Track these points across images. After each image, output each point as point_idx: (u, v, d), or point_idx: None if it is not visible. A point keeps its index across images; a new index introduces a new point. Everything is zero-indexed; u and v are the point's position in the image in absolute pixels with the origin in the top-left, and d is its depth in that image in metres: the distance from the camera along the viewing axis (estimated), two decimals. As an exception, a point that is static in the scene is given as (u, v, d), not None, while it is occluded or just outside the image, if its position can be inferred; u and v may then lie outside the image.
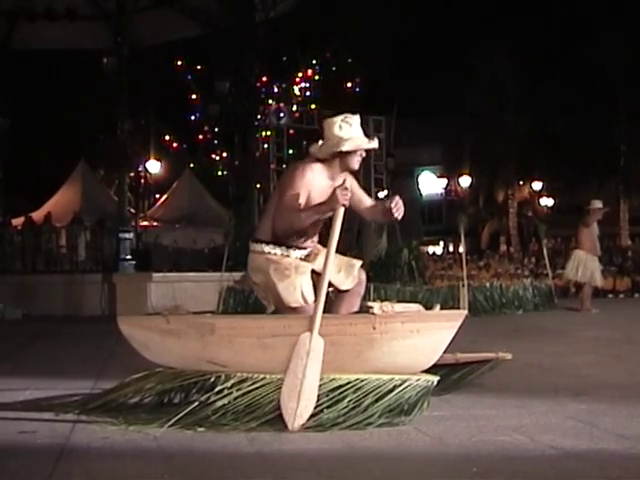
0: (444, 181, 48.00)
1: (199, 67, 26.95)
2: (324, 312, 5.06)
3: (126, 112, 19.97)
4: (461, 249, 20.22)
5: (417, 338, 5.04)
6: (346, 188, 5.26)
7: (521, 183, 45.48)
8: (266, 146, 27.15)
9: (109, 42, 19.85)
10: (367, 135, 5.67)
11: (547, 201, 44.90)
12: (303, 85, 27.95)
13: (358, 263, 5.47)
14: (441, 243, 49.07)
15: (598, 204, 16.01)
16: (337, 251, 5.17)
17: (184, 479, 3.75)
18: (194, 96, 27.45)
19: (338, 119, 5.55)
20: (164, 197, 29.16)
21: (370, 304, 5.10)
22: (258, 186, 25.43)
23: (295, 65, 27.72)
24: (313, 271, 5.38)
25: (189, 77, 27.07)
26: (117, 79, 19.54)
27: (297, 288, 5.19)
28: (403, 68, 37.23)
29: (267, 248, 5.45)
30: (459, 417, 5.08)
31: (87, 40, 21.52)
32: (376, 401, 4.92)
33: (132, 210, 23.71)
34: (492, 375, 6.10)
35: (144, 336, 5.33)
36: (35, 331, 13.03)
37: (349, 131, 5.49)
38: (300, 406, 4.79)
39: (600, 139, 38.45)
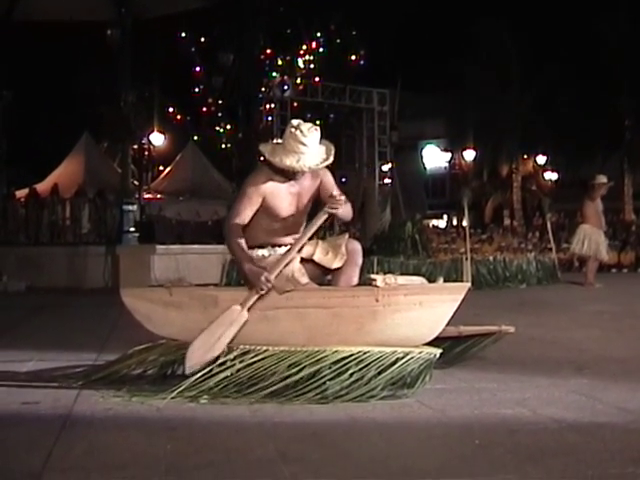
0: (448, 155, 47.82)
1: (203, 39, 26.80)
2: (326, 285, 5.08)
3: (130, 84, 19.95)
4: (465, 223, 20.26)
5: (420, 310, 5.05)
6: (335, 197, 5.31)
7: (525, 157, 45.29)
8: (270, 119, 27.06)
9: (112, 14, 19.76)
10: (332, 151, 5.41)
11: (551, 175, 44.76)
12: (307, 58, 27.81)
13: (344, 239, 5.44)
14: (445, 217, 48.99)
15: (602, 179, 15.95)
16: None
17: (187, 450, 3.76)
18: (198, 68, 27.33)
19: (292, 128, 5.35)
20: (167, 169, 29.14)
21: (373, 276, 5.10)
22: (262, 159, 25.39)
23: (299, 37, 27.56)
24: (302, 259, 5.36)
25: (193, 49, 26.94)
26: (120, 51, 19.48)
27: (288, 277, 5.19)
28: (407, 41, 37.03)
29: (255, 252, 5.44)
30: (462, 390, 5.10)
31: (90, 12, 21.38)
32: (379, 374, 4.93)
33: (135, 182, 23.70)
34: (495, 348, 6.10)
35: (147, 308, 5.34)
36: (38, 303, 13.04)
37: (295, 146, 5.28)
38: (204, 357, 4.98)
39: (604, 114, 38.27)
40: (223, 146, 28.69)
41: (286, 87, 26.84)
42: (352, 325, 5.01)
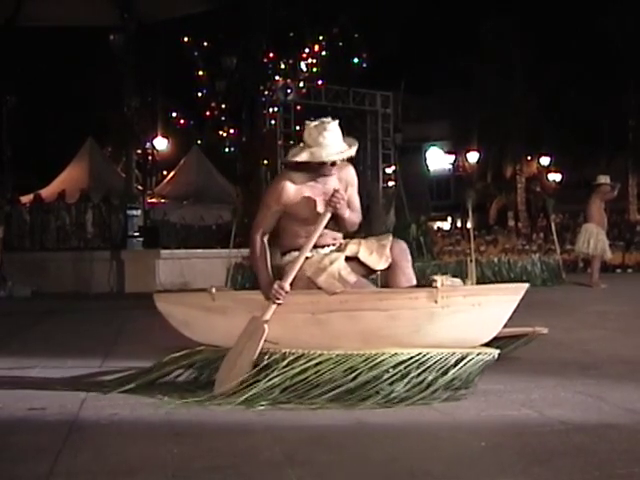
0: (452, 157, 47.86)
1: (206, 43, 26.82)
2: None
3: (133, 89, 19.95)
4: (469, 225, 20.20)
5: (478, 311, 5.02)
6: (338, 192, 5.23)
7: (529, 158, 45.35)
8: (273, 122, 27.09)
9: (116, 19, 19.76)
10: (351, 141, 5.35)
11: (555, 176, 44.80)
12: (310, 61, 27.82)
13: (388, 240, 5.38)
14: (449, 219, 49.03)
15: (603, 179, 15.90)
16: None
17: (194, 454, 3.75)
18: (201, 72, 27.34)
19: (311, 125, 5.28)
20: (172, 174, 29.17)
21: (434, 277, 5.05)
22: (265, 162, 25.39)
23: (302, 41, 27.56)
24: (347, 258, 5.29)
25: (196, 53, 26.96)
26: (124, 56, 19.50)
27: (335, 276, 5.13)
28: (411, 43, 37.03)
29: (296, 255, 5.32)
30: (468, 392, 5.08)
31: (94, 17, 21.36)
32: (441, 375, 4.92)
33: (140, 187, 23.73)
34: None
35: (185, 314, 5.30)
36: (44, 308, 13.03)
37: (316, 139, 5.20)
38: (230, 376, 4.89)
39: (609, 114, 38.30)
40: (227, 150, 28.71)
41: (289, 90, 26.88)
42: (408, 327, 4.97)
